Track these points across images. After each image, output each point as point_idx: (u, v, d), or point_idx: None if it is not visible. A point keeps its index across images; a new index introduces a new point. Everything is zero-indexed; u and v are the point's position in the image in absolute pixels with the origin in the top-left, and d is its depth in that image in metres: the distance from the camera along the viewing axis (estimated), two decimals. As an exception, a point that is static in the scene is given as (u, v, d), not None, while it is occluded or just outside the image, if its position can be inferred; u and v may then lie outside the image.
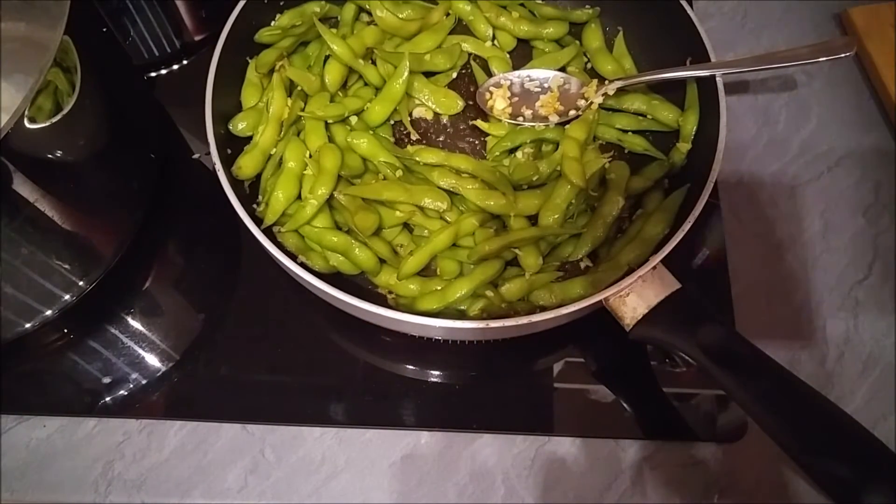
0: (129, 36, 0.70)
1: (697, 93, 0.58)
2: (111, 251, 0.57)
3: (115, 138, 0.55)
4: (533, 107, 0.61)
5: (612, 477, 0.52)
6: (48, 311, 0.55)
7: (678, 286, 0.47)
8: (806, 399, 0.42)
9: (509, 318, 0.47)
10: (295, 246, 0.54)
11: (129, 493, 0.52)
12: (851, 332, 0.57)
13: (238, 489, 0.52)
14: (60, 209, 0.50)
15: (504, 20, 0.64)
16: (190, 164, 0.65)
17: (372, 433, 0.54)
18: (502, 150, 0.59)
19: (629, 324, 0.47)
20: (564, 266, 0.55)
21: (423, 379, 0.56)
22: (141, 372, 0.57)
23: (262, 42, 0.61)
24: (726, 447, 0.53)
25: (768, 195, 0.63)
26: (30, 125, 0.44)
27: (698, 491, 0.52)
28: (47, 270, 0.53)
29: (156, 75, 0.71)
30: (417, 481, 0.52)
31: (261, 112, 0.59)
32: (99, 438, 0.54)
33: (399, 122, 0.62)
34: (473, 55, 0.65)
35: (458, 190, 0.55)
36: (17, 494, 0.53)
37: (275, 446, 0.54)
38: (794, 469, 0.51)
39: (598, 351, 0.57)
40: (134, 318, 0.59)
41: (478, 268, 0.53)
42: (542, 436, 0.54)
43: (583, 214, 0.56)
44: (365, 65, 0.61)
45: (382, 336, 0.56)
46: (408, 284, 0.54)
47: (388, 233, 0.56)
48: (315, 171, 0.55)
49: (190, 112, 0.57)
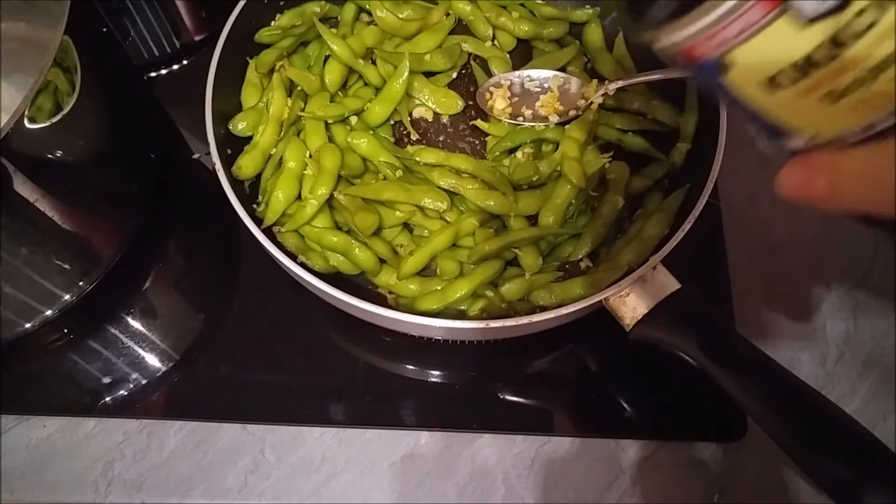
0: (129, 36, 0.70)
1: (697, 93, 0.58)
2: (111, 251, 0.57)
3: (115, 138, 0.55)
4: (533, 107, 0.61)
5: (612, 477, 0.52)
6: (48, 311, 0.55)
7: (678, 286, 0.47)
8: (806, 399, 0.42)
9: (509, 318, 0.47)
10: (295, 246, 0.54)
11: (129, 493, 0.52)
12: (851, 332, 0.57)
13: (238, 489, 0.52)
14: (60, 209, 0.50)
15: (504, 20, 0.64)
16: (190, 164, 0.65)
17: (372, 433, 0.54)
18: (502, 150, 0.59)
19: (629, 324, 0.47)
20: (564, 266, 0.55)
21: (423, 379, 0.56)
22: (141, 372, 0.57)
23: (262, 42, 0.61)
24: (726, 447, 0.53)
25: (768, 195, 0.62)
26: (30, 125, 0.44)
27: (698, 491, 0.52)
28: (47, 270, 0.53)
29: (156, 75, 0.71)
30: (417, 481, 0.52)
31: (261, 112, 0.59)
32: (99, 438, 0.54)
33: (399, 122, 0.62)
34: (473, 55, 0.65)
35: (458, 190, 0.55)
36: (17, 494, 0.53)
37: (275, 446, 0.54)
38: (794, 469, 0.51)
39: (598, 351, 0.57)
40: (134, 318, 0.59)
41: (478, 268, 0.53)
42: (542, 436, 0.54)
43: (583, 214, 0.56)
44: (365, 65, 0.61)
45: (382, 336, 0.56)
46: (408, 284, 0.54)
47: (388, 233, 0.56)
48: (315, 171, 0.55)
49: (190, 112, 0.57)
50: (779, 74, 0.21)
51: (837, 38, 0.20)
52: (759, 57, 0.21)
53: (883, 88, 0.20)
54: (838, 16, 0.19)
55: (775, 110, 0.23)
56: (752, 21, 0.20)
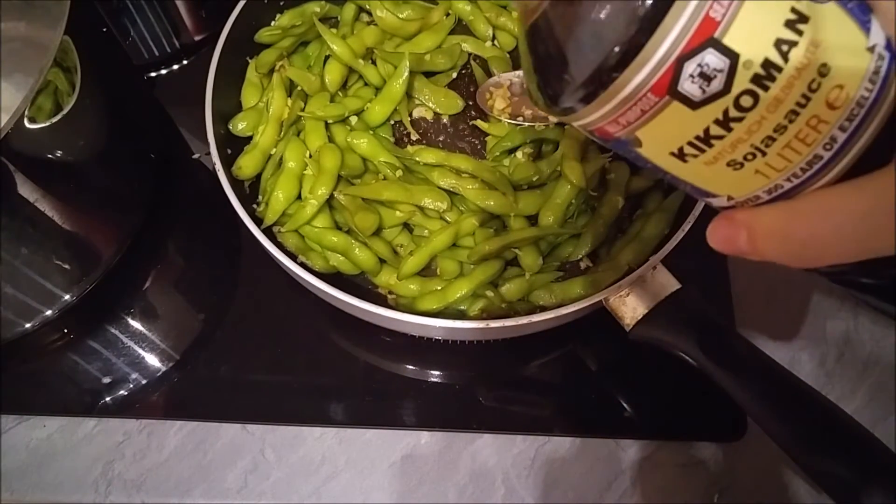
0: (129, 36, 0.70)
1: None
2: (111, 251, 0.57)
3: (115, 138, 0.55)
4: (533, 107, 0.61)
5: (612, 477, 0.52)
6: (48, 311, 0.55)
7: (678, 286, 0.47)
8: (806, 399, 0.42)
9: (509, 318, 0.47)
10: (295, 246, 0.54)
11: (129, 493, 0.52)
12: (851, 332, 0.57)
13: (238, 489, 0.52)
14: (60, 209, 0.50)
15: (504, 20, 0.64)
16: (190, 164, 0.65)
17: (372, 433, 0.54)
18: (502, 150, 0.59)
19: (629, 324, 0.47)
20: (564, 266, 0.55)
21: (423, 379, 0.56)
22: (141, 372, 0.57)
23: (262, 42, 0.61)
24: (726, 447, 0.53)
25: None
26: (30, 125, 0.44)
27: (698, 491, 0.52)
28: (47, 270, 0.53)
29: (156, 75, 0.71)
30: (417, 481, 0.52)
31: (261, 112, 0.59)
32: (99, 438, 0.54)
33: (399, 122, 0.62)
34: (473, 55, 0.65)
35: (458, 190, 0.55)
36: (17, 494, 0.53)
37: (275, 446, 0.54)
38: (794, 469, 0.51)
39: (598, 351, 0.57)
40: (134, 318, 0.59)
41: (478, 268, 0.53)
42: (542, 436, 0.54)
43: (583, 214, 0.56)
44: (365, 65, 0.61)
45: (382, 336, 0.56)
46: (408, 284, 0.54)
47: (388, 233, 0.56)
48: (315, 171, 0.55)
49: (190, 112, 0.57)
50: (683, 148, 0.23)
51: (729, 114, 0.22)
52: (662, 135, 0.23)
53: (779, 153, 0.22)
54: (726, 96, 0.22)
55: (690, 177, 0.25)
56: (648, 106, 0.23)
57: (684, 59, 0.21)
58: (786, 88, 0.21)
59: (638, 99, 0.22)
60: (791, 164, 0.23)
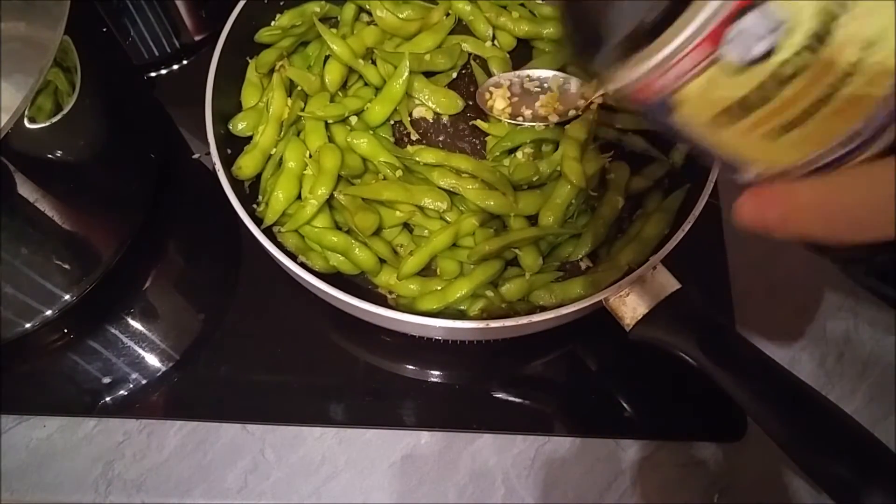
0: (129, 36, 0.70)
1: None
2: (111, 251, 0.57)
3: (115, 138, 0.55)
4: (533, 107, 0.61)
5: (612, 477, 0.52)
6: (48, 311, 0.55)
7: (678, 286, 0.47)
8: (806, 399, 0.42)
9: (509, 318, 0.47)
10: (295, 246, 0.54)
11: (129, 493, 0.52)
12: (851, 332, 0.57)
13: (238, 489, 0.52)
14: (60, 209, 0.50)
15: (504, 20, 0.64)
16: (190, 164, 0.65)
17: (372, 433, 0.54)
18: (502, 150, 0.59)
19: (629, 324, 0.47)
20: (564, 266, 0.55)
21: (423, 379, 0.56)
22: (141, 372, 0.57)
23: (262, 42, 0.61)
24: (726, 447, 0.53)
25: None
26: (30, 125, 0.44)
27: (698, 491, 0.52)
28: (47, 270, 0.53)
29: (156, 75, 0.71)
30: (417, 481, 0.52)
31: (261, 112, 0.59)
32: (99, 438, 0.54)
33: (399, 122, 0.62)
34: (473, 55, 0.65)
35: (458, 190, 0.55)
36: (17, 494, 0.53)
37: (275, 446, 0.54)
38: (794, 469, 0.51)
39: (598, 351, 0.57)
40: (134, 318, 0.59)
41: (478, 268, 0.53)
42: (542, 436, 0.54)
43: (583, 214, 0.56)
44: (365, 65, 0.61)
45: (382, 336, 0.56)
46: (408, 284, 0.54)
47: (388, 233, 0.56)
48: (315, 171, 0.55)
49: (190, 112, 0.57)
50: (721, 114, 0.23)
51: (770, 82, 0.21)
52: (700, 99, 0.23)
53: (818, 127, 0.22)
54: (768, 62, 0.21)
55: (724, 146, 0.24)
56: (688, 67, 0.22)
57: (730, 20, 0.21)
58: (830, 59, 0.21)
59: (680, 59, 0.22)
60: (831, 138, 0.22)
